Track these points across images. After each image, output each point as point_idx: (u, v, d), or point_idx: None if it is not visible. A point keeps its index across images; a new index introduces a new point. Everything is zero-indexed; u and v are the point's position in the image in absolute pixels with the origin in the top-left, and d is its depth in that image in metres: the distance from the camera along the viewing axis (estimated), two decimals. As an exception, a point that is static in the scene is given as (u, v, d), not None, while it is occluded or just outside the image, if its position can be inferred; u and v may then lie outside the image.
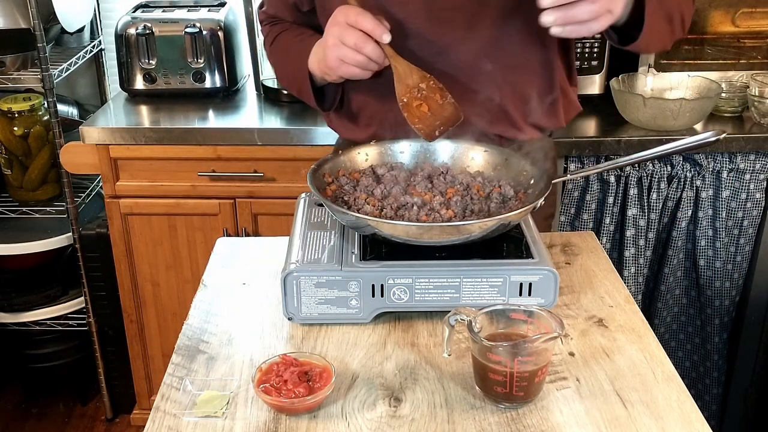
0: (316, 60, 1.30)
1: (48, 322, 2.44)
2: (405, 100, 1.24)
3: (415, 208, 1.16)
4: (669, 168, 2.02)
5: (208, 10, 2.31)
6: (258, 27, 2.19)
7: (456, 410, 0.98)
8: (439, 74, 1.26)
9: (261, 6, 1.53)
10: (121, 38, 2.22)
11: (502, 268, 1.12)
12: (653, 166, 2.01)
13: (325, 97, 1.41)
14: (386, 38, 1.19)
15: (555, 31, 1.13)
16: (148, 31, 2.20)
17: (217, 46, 2.23)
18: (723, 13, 2.20)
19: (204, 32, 2.20)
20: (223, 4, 2.36)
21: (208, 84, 2.26)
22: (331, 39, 1.22)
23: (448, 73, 1.31)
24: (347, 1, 1.22)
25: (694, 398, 1.01)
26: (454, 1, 1.30)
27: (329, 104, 1.42)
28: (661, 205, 2.06)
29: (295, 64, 1.36)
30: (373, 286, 1.12)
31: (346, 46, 1.20)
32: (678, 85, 2.14)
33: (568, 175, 1.44)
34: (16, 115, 2.27)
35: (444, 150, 1.31)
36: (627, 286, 1.44)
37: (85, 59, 2.43)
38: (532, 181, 1.22)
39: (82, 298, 2.39)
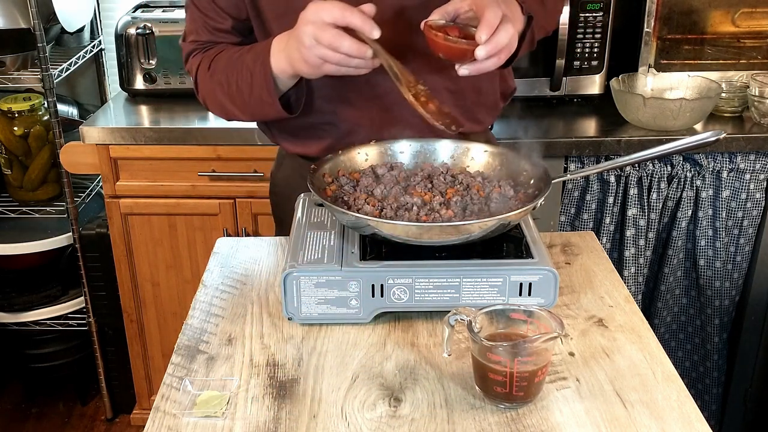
0: (287, 58, 1.21)
1: (48, 322, 2.44)
2: (413, 91, 1.18)
3: (415, 208, 1.16)
4: (669, 168, 2.02)
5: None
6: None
7: (456, 410, 0.98)
8: None
9: (184, 38, 1.39)
10: (121, 38, 2.22)
11: (502, 268, 1.12)
12: (653, 166, 2.01)
13: (289, 102, 1.32)
14: (376, 34, 1.12)
15: (463, 72, 1.16)
16: (148, 31, 2.20)
17: (217, 46, 2.23)
18: (723, 13, 2.21)
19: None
20: (223, 4, 2.35)
21: (208, 84, 2.25)
22: (307, 39, 1.13)
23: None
24: None
25: (694, 398, 1.01)
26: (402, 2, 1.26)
27: (295, 107, 1.33)
28: (661, 205, 2.06)
29: (251, 73, 1.26)
30: (373, 286, 1.12)
31: (322, 45, 1.13)
32: (678, 85, 2.14)
33: (568, 175, 1.44)
34: (16, 115, 2.27)
35: (444, 150, 1.31)
36: (627, 286, 1.44)
37: (85, 59, 2.43)
38: (532, 181, 1.22)
39: (82, 298, 2.39)
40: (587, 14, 2.09)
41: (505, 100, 1.50)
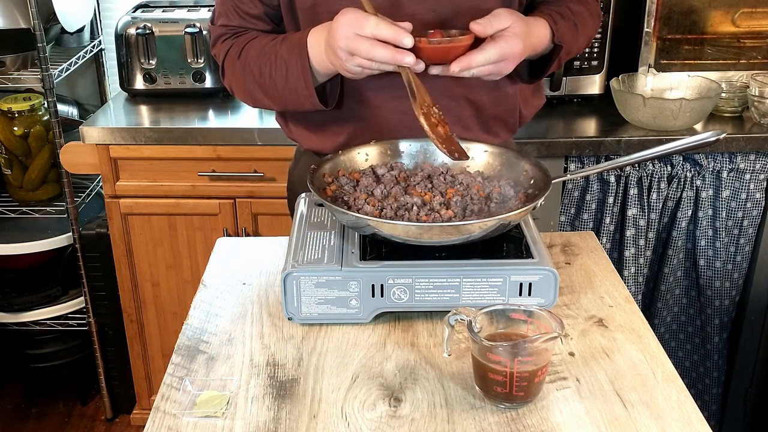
0: (329, 62, 1.22)
1: (48, 322, 2.44)
2: (424, 111, 1.18)
3: (415, 208, 1.16)
4: (669, 168, 2.02)
5: (208, 10, 2.31)
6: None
7: (456, 410, 0.98)
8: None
9: (213, 21, 1.39)
10: (121, 38, 2.22)
11: (502, 268, 1.12)
12: (653, 166, 2.01)
13: (325, 94, 1.33)
14: (408, 43, 1.12)
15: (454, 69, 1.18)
16: (148, 31, 2.20)
17: (217, 46, 2.23)
18: (723, 13, 2.20)
19: (204, 32, 2.20)
20: (223, 4, 2.35)
21: (208, 84, 2.26)
22: (342, 53, 1.16)
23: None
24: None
25: (694, 398, 1.01)
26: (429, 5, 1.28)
27: (330, 100, 1.33)
28: (661, 205, 2.06)
29: (287, 65, 1.27)
30: (373, 286, 1.12)
31: (360, 56, 1.14)
32: (678, 85, 2.14)
33: (568, 175, 1.44)
34: (16, 115, 2.27)
35: (444, 150, 1.31)
36: (627, 286, 1.44)
37: (85, 59, 2.43)
38: (532, 181, 1.22)
39: (82, 298, 2.39)
40: (587, 14, 2.09)
41: (529, 117, 1.50)
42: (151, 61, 2.23)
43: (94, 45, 2.52)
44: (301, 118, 1.42)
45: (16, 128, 2.28)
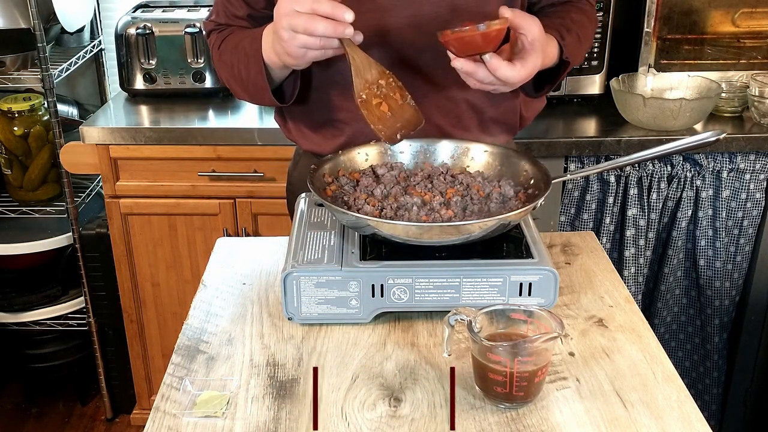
0: (274, 51, 1.21)
1: (48, 322, 2.44)
2: (364, 96, 1.17)
3: (415, 208, 1.16)
4: (669, 168, 2.02)
5: (208, 10, 2.30)
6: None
7: (456, 410, 0.98)
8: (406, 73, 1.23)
9: (208, 17, 1.45)
10: (121, 38, 2.22)
11: (502, 268, 1.12)
12: (653, 166, 2.02)
13: (283, 90, 1.33)
14: (349, 17, 1.10)
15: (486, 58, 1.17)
16: (148, 31, 2.21)
17: (217, 46, 2.23)
18: (723, 13, 2.21)
19: (204, 32, 2.20)
20: (223, 4, 2.35)
21: (208, 84, 2.26)
22: (284, 33, 1.14)
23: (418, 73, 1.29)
24: None
25: (694, 398, 1.01)
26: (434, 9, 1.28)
27: (288, 97, 1.34)
28: (661, 205, 2.06)
29: (248, 57, 1.28)
30: (373, 286, 1.12)
31: (299, 33, 1.12)
32: (678, 85, 2.14)
33: (568, 175, 1.44)
34: (16, 115, 2.27)
35: (444, 150, 1.31)
36: (627, 286, 1.44)
37: (85, 59, 2.43)
38: (532, 181, 1.22)
39: (82, 298, 2.39)
40: (587, 14, 2.09)
41: (530, 119, 1.50)
42: (151, 61, 2.23)
43: (94, 45, 2.52)
44: (301, 118, 1.43)
45: (16, 128, 2.28)
